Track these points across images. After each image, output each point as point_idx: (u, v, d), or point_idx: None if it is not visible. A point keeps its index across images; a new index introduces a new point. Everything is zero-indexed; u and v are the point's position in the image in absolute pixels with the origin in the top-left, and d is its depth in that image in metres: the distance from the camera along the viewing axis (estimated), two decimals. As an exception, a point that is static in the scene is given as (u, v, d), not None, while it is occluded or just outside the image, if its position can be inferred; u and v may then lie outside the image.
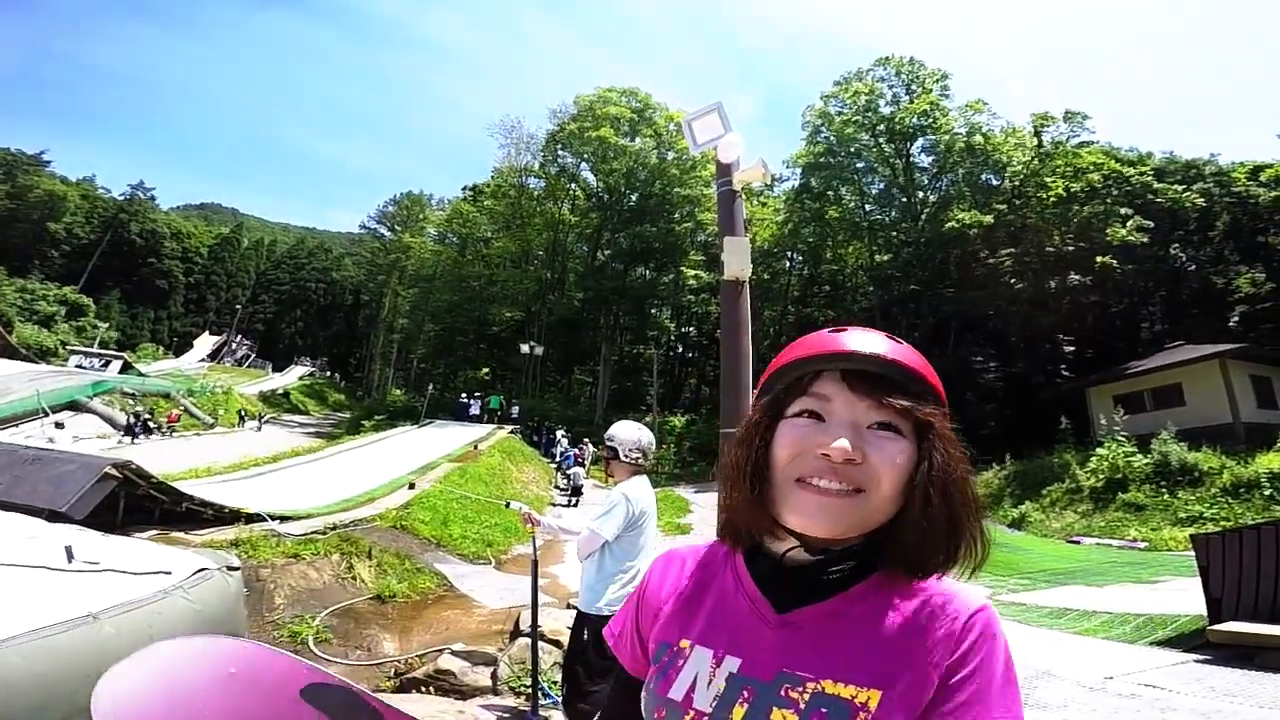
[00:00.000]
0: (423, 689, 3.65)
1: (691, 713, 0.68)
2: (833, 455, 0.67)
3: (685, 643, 0.74)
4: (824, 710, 0.63)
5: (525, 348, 32.87)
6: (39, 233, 59.48)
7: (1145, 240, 26.86)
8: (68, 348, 38.73)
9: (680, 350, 46.80)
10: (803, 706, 0.64)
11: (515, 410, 30.66)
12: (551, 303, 39.69)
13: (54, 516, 4.85)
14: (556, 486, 18.87)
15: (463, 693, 3.61)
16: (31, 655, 2.32)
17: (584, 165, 40.82)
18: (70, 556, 3.29)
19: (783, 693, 0.65)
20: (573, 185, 41.75)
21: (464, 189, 51.77)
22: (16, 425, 16.51)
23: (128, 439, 20.21)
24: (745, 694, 0.67)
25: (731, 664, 0.69)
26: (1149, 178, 29.64)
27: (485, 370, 43.23)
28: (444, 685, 3.64)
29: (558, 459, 21.33)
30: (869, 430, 0.69)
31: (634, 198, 39.52)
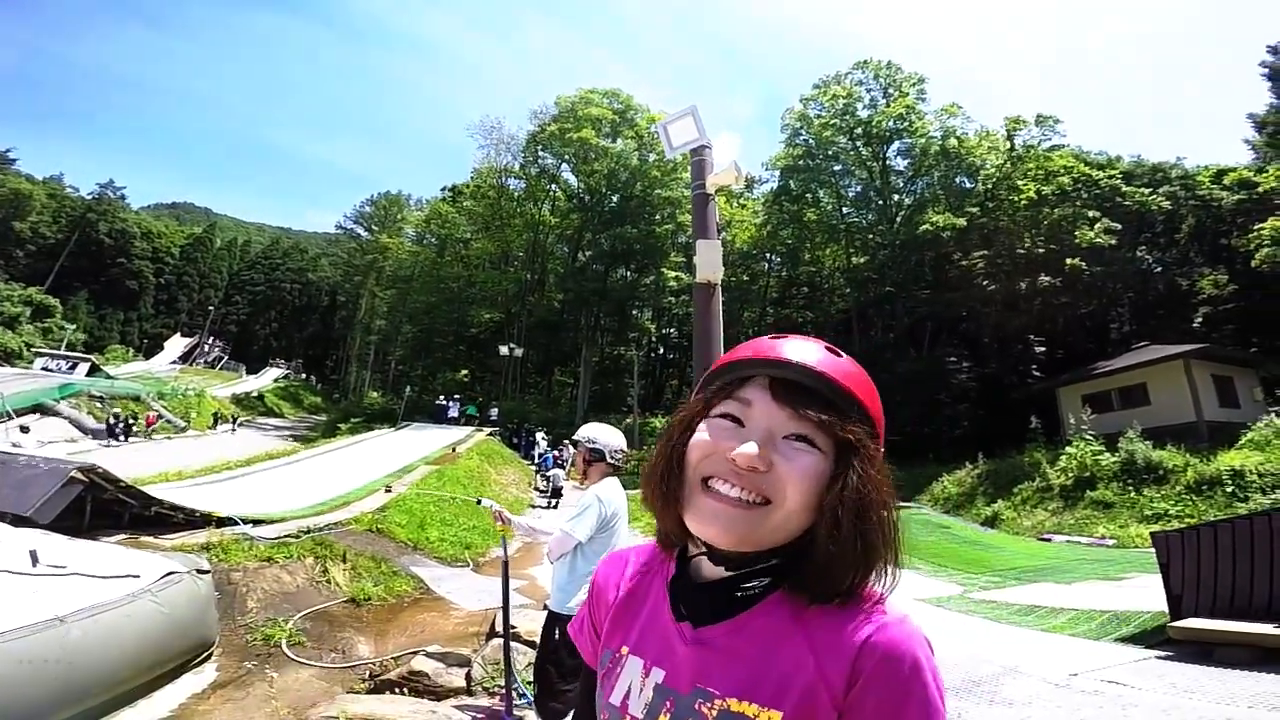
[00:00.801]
0: (397, 690, 3.65)
1: (628, 718, 0.71)
2: (737, 461, 0.66)
3: (624, 649, 0.75)
4: None
5: (505, 349, 32.70)
6: (4, 232, 58.07)
7: (1113, 242, 27.47)
8: (33, 350, 37.62)
9: (661, 352, 46.95)
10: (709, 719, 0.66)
11: (494, 412, 30.50)
12: (531, 304, 39.55)
13: (18, 521, 4.76)
14: (536, 489, 18.80)
15: (437, 694, 3.62)
16: (-5, 658, 2.30)
17: (565, 166, 40.86)
18: (35, 560, 3.25)
19: (697, 706, 0.66)
20: (553, 186, 41.71)
21: (443, 189, 51.47)
22: (-22, 429, 16.05)
23: (108, 441, 19.84)
24: (668, 704, 0.69)
25: (657, 675, 0.71)
26: (1118, 181, 30.30)
27: (464, 372, 42.93)
28: (418, 686, 3.65)
29: (537, 461, 21.26)
30: (784, 441, 0.68)
31: (615, 199, 39.58)
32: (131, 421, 22.45)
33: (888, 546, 0.68)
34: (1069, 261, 27.31)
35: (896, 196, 35.99)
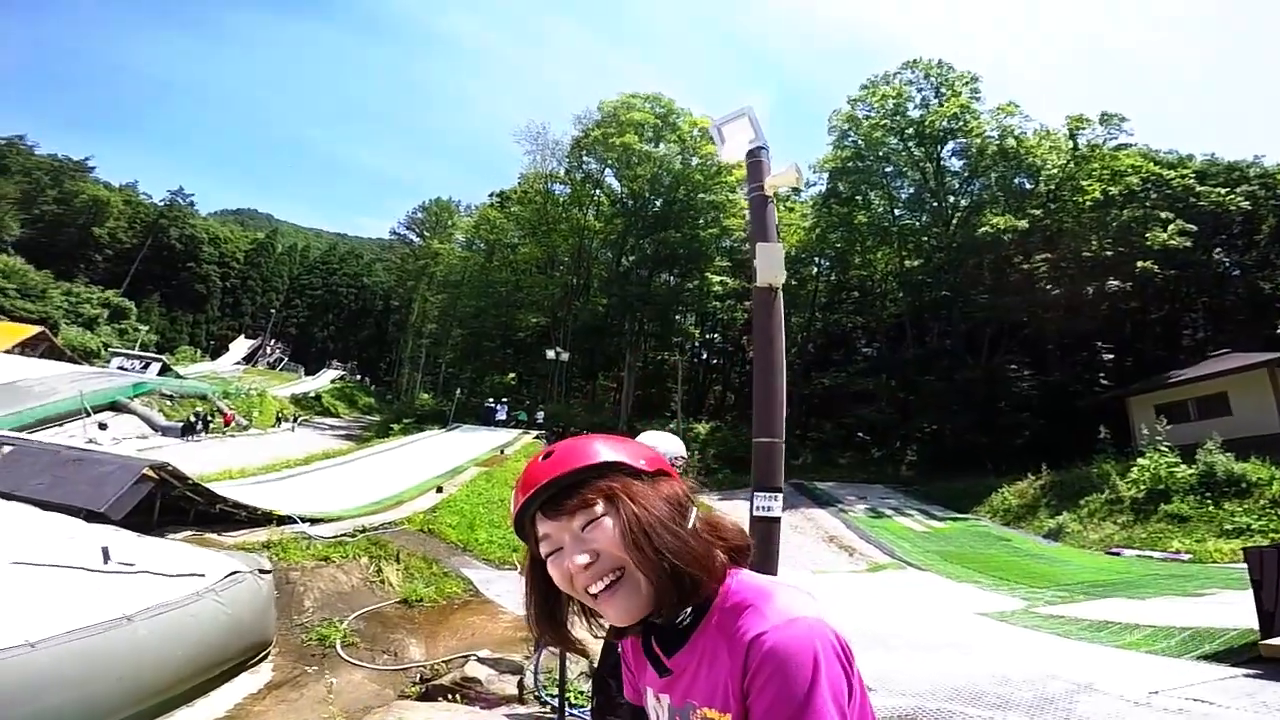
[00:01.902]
0: (449, 696, 3.62)
1: None
2: (578, 583, 0.82)
3: (645, 687, 0.95)
4: None
5: (550, 353, 33.01)
6: (84, 237, 61.49)
7: (1188, 244, 26.00)
8: (110, 350, 39.92)
9: (705, 356, 46.59)
10: None
11: (540, 415, 30.80)
12: (576, 309, 39.80)
13: (92, 517, 4.97)
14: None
15: (489, 701, 3.57)
16: (65, 658, 2.34)
17: (608, 171, 40.94)
18: (106, 557, 3.35)
19: (690, 717, 0.83)
20: (597, 191, 41.89)
21: (491, 195, 52.36)
22: (61, 424, 17.04)
23: (189, 437, 21.06)
24: (676, 719, 0.87)
25: (665, 700, 0.89)
26: (1190, 180, 28.65)
27: (511, 375, 43.53)
28: (469, 693, 3.61)
29: (582, 464, 21.36)
30: (584, 532, 0.82)
31: (658, 203, 39.52)
32: (210, 419, 23.79)
33: (687, 545, 0.81)
34: (1139, 264, 25.96)
35: (952, 198, 34.87)
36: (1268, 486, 15.04)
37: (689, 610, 0.84)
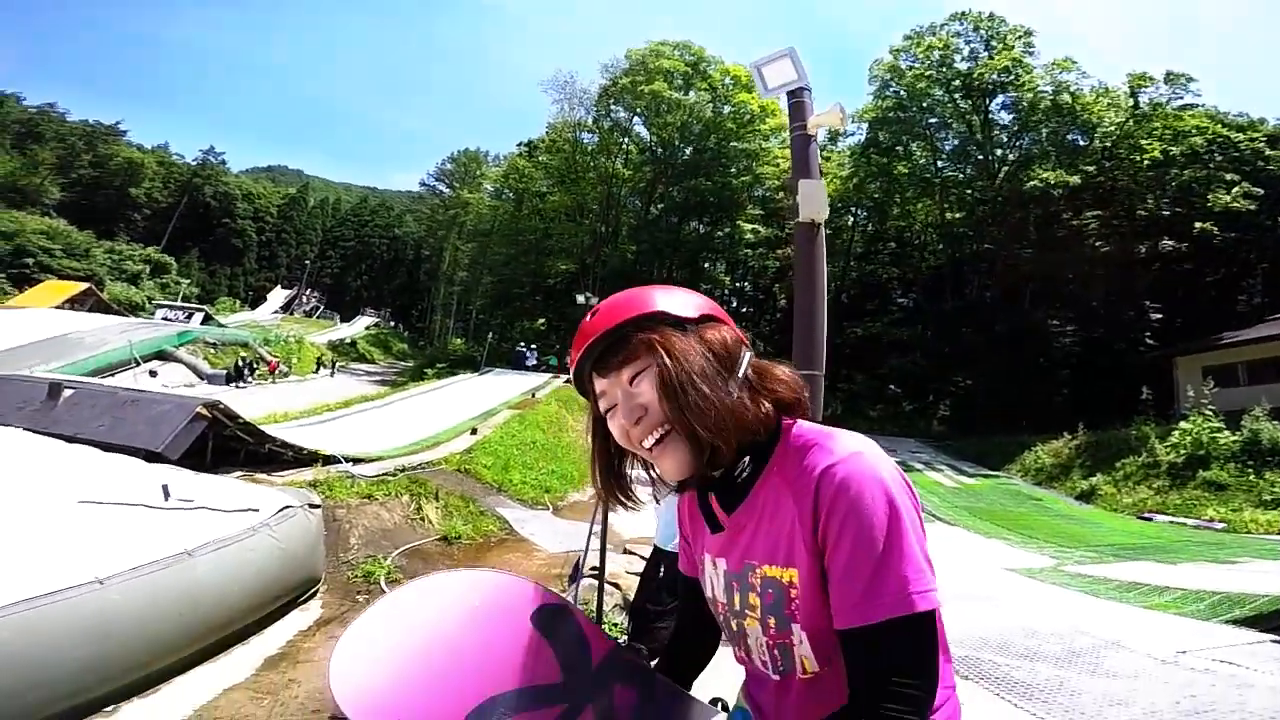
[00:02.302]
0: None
1: (719, 604, 0.91)
2: (632, 437, 0.83)
3: (703, 555, 0.94)
4: (770, 591, 0.80)
5: (580, 299, 33.05)
6: (122, 198, 63.08)
7: (1253, 208, 24.82)
8: (154, 303, 41.14)
9: (735, 305, 46.21)
10: (758, 588, 0.82)
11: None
12: (605, 255, 39.66)
13: (151, 456, 5.19)
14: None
15: (528, 636, 3.70)
16: (130, 593, 2.45)
17: (637, 120, 40.27)
18: (167, 494, 3.50)
19: (748, 578, 0.83)
20: (625, 140, 41.25)
21: (519, 145, 51.75)
22: (113, 374, 17.69)
23: (236, 384, 21.92)
24: (734, 585, 0.86)
25: (721, 564, 0.89)
26: (1260, 144, 27.25)
27: (541, 321, 43.88)
28: (510, 629, 3.74)
29: (610, 409, 21.61)
30: (633, 385, 0.81)
31: (688, 152, 38.88)
32: (255, 366, 24.64)
33: (720, 400, 0.78)
34: (1198, 225, 24.94)
35: (999, 151, 33.58)
36: (1314, 458, 14.56)
37: (747, 461, 0.83)
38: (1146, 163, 27.21)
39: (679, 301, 0.84)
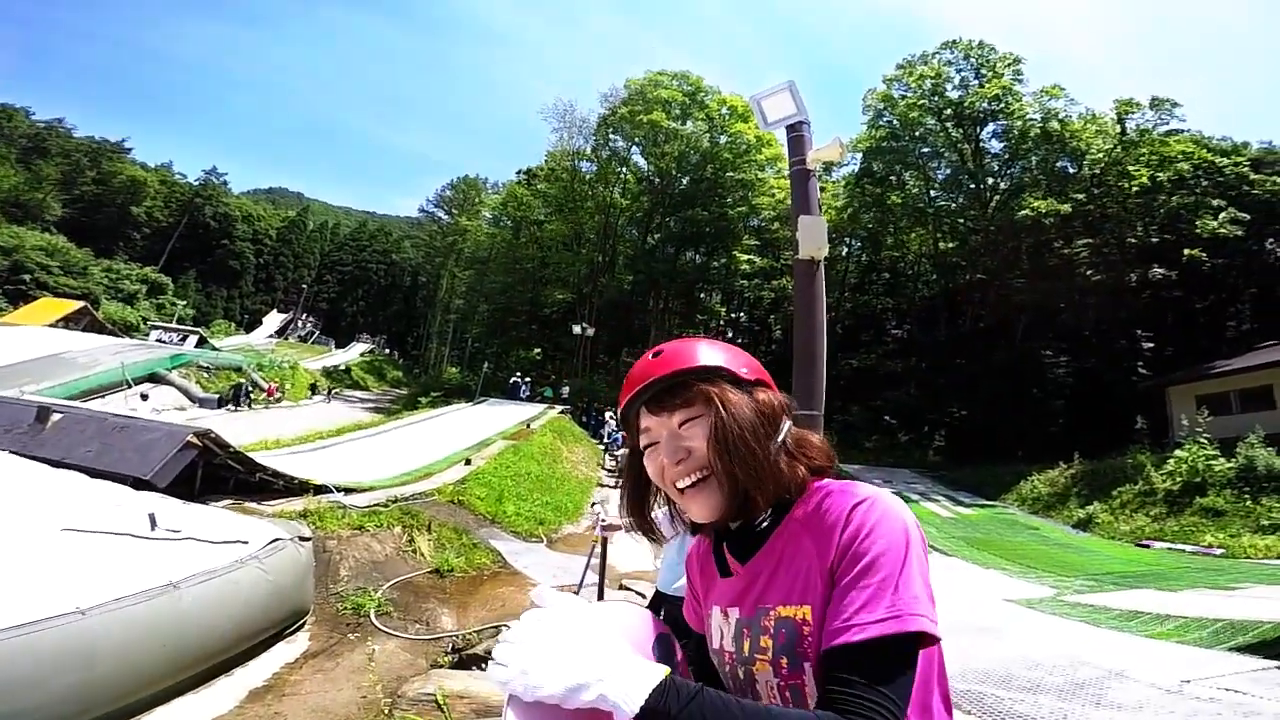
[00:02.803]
0: (483, 665, 3.66)
1: (726, 653, 0.90)
2: (668, 476, 0.88)
3: (712, 607, 0.95)
4: (783, 631, 0.81)
5: (576, 329, 33.13)
6: (123, 216, 63.43)
7: (1239, 233, 25.11)
8: (149, 324, 41.09)
9: (730, 335, 46.34)
10: (771, 629, 0.82)
11: (565, 390, 31.01)
12: (602, 285, 39.85)
13: (138, 484, 5.10)
14: (604, 468, 18.97)
15: (521, 673, 3.61)
16: (113, 624, 2.38)
17: (635, 149, 40.75)
18: (154, 524, 3.43)
19: (762, 623, 0.84)
20: (623, 169, 41.68)
21: (518, 173, 52.32)
22: (103, 396, 17.56)
23: (230, 408, 21.77)
24: (745, 631, 0.87)
25: (733, 614, 0.89)
26: (1245, 168, 27.62)
27: (537, 350, 43.86)
28: (503, 665, 3.65)
29: (606, 440, 21.45)
30: (681, 429, 0.87)
31: (685, 181, 39.27)
32: (251, 389, 24.52)
33: (766, 457, 0.84)
34: (1187, 252, 25.19)
35: (991, 180, 33.98)
36: (1309, 483, 14.60)
37: (769, 512, 0.87)
38: (1135, 189, 27.52)
39: (738, 361, 0.91)
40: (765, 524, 0.88)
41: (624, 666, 0.68)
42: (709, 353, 0.90)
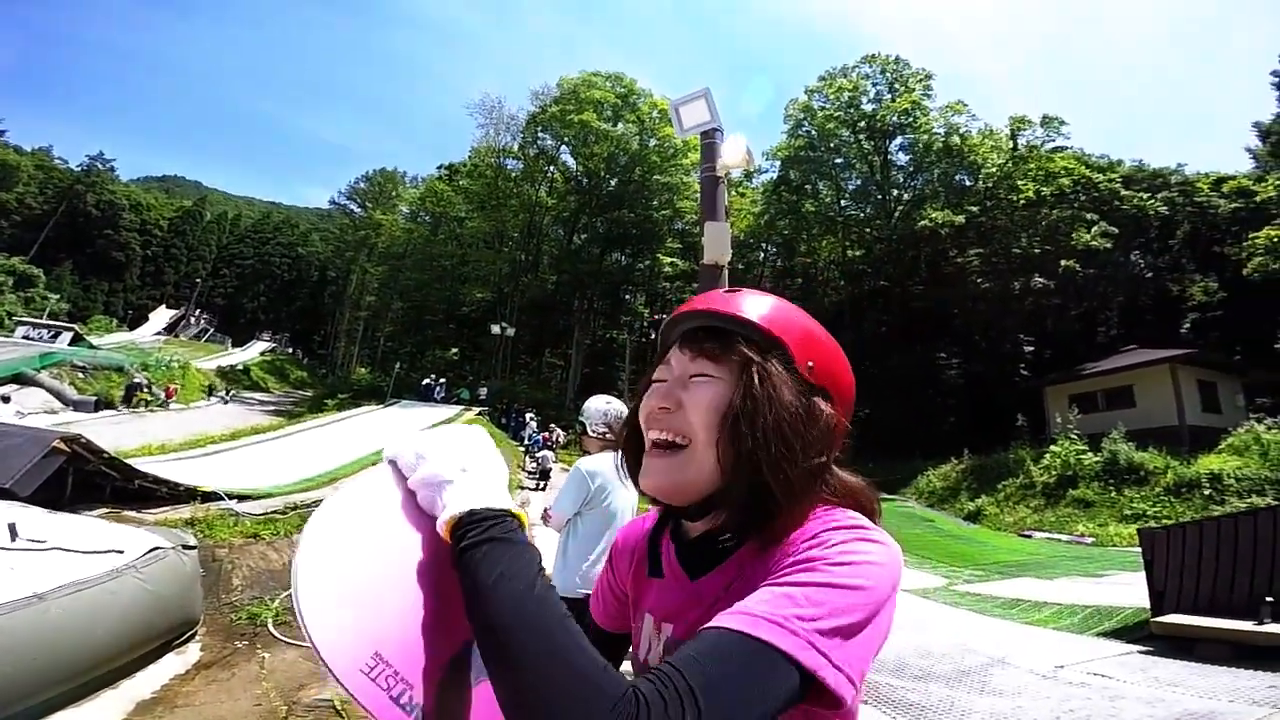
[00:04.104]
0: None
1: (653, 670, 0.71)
2: (646, 419, 0.72)
3: (643, 610, 0.80)
4: None
5: (496, 329, 32.50)
6: (-11, 203, 56.97)
7: (1109, 246, 27.66)
8: (14, 319, 36.88)
9: (653, 336, 46.82)
10: None
11: (484, 391, 30.37)
12: (525, 284, 39.32)
13: (-3, 492, 4.63)
14: (525, 470, 18.75)
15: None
16: (-30, 637, 2.21)
17: (564, 148, 40.46)
18: (14, 535, 3.15)
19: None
20: (551, 168, 41.31)
21: (439, 168, 50.87)
22: (-45, 397, 15.69)
23: (122, 409, 20.52)
24: (674, 649, 0.67)
25: (666, 629, 0.75)
26: (1117, 185, 30.44)
27: (454, 350, 42.71)
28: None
29: (526, 443, 21.19)
30: (691, 380, 0.71)
31: (613, 183, 39.35)
32: (145, 388, 22.84)
33: (785, 457, 0.65)
34: (1064, 263, 27.51)
35: (896, 191, 36.07)
36: (1163, 475, 16.26)
37: (732, 535, 0.71)
38: (1022, 202, 29.74)
39: (808, 352, 0.71)
40: (729, 544, 0.71)
41: (488, 483, 0.63)
42: (785, 323, 0.71)
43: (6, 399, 17.47)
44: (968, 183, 33.73)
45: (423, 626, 0.62)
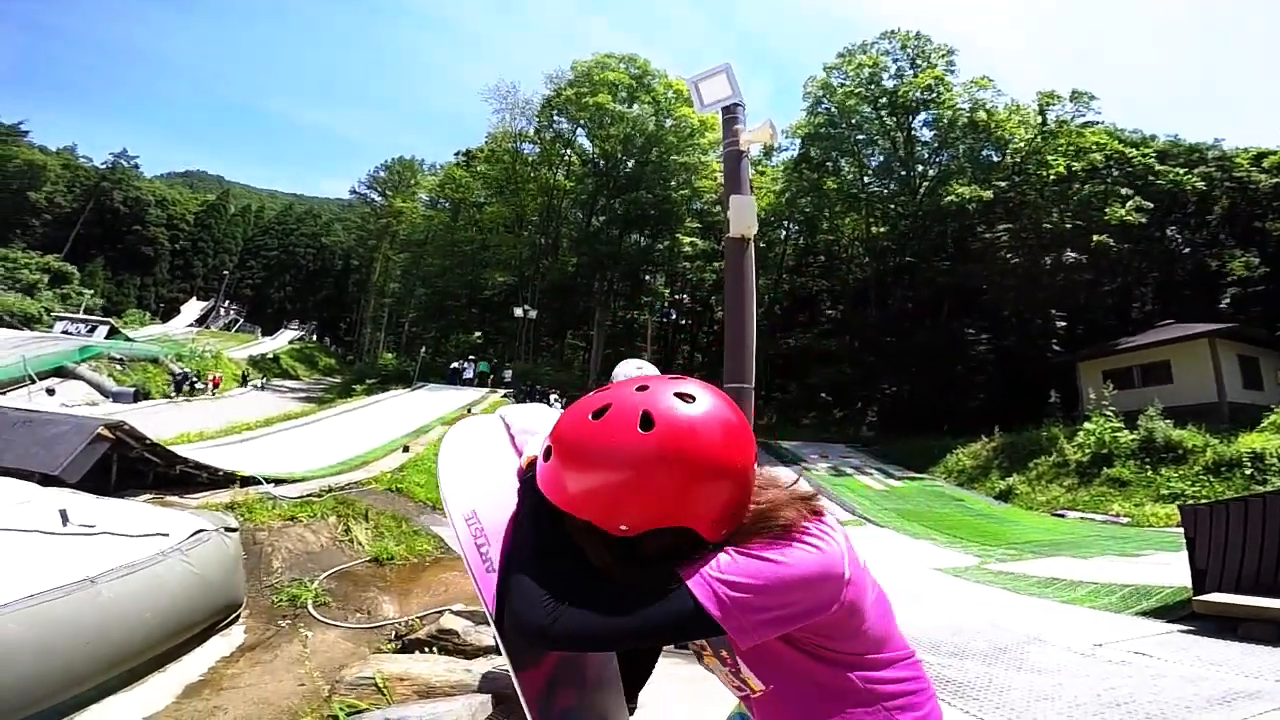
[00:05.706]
0: (426, 649, 3.64)
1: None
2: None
3: None
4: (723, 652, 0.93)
5: (518, 312, 32.72)
6: (19, 202, 58.47)
7: (1143, 221, 26.99)
8: (52, 315, 38.01)
9: (674, 316, 46.80)
10: (723, 654, 0.94)
11: (508, 374, 30.67)
12: (545, 268, 39.41)
13: (46, 480, 4.78)
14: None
15: (466, 652, 3.61)
16: (29, 622, 2.27)
17: (580, 131, 40.33)
18: (65, 520, 3.24)
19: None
20: (568, 151, 41.20)
21: (457, 154, 50.95)
22: (3, 393, 16.23)
23: (175, 398, 21.54)
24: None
25: None
26: (1151, 160, 29.72)
27: (477, 334, 43.07)
28: (448, 645, 3.63)
29: (551, 425, 21.36)
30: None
31: (630, 164, 39.13)
32: (195, 379, 23.94)
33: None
34: (1096, 238, 26.86)
35: (920, 167, 35.43)
36: (1201, 454, 15.78)
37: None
38: (1052, 178, 29.10)
39: (647, 500, 0.79)
40: None
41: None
42: (583, 500, 0.81)
43: (52, 391, 18.10)
44: (995, 158, 33.03)
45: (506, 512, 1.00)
